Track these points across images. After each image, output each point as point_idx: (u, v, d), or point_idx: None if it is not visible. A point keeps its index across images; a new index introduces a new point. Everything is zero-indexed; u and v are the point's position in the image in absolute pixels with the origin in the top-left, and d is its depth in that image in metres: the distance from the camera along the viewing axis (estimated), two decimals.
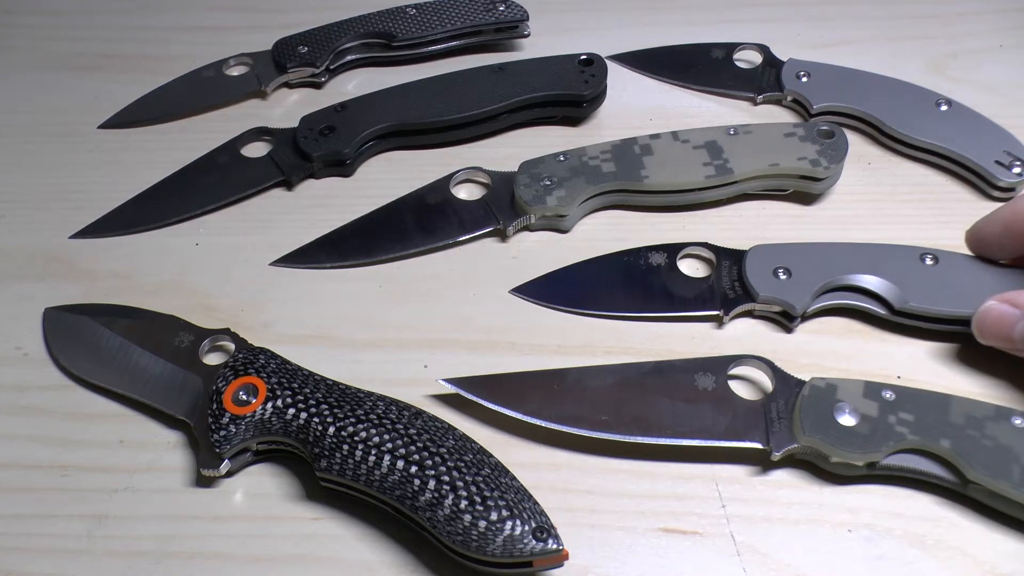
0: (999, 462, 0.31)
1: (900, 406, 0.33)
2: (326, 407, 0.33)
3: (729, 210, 0.44)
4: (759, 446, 0.33)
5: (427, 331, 0.40)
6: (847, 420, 0.33)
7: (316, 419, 0.33)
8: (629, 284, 0.40)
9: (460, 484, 0.30)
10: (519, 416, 0.35)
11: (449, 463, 0.31)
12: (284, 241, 0.44)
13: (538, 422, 0.34)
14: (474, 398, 0.35)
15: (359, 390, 0.34)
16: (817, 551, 0.32)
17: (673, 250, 0.41)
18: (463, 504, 0.30)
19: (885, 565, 0.31)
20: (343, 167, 0.47)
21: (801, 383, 0.34)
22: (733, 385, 0.35)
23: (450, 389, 0.36)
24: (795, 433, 0.33)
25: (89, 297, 0.41)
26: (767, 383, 0.35)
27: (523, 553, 0.29)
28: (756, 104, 0.50)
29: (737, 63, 0.52)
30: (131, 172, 0.48)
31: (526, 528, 0.29)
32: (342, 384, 0.35)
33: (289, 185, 0.47)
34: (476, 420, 0.36)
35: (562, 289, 0.41)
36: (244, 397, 0.34)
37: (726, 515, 0.33)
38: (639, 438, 0.33)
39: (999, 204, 0.44)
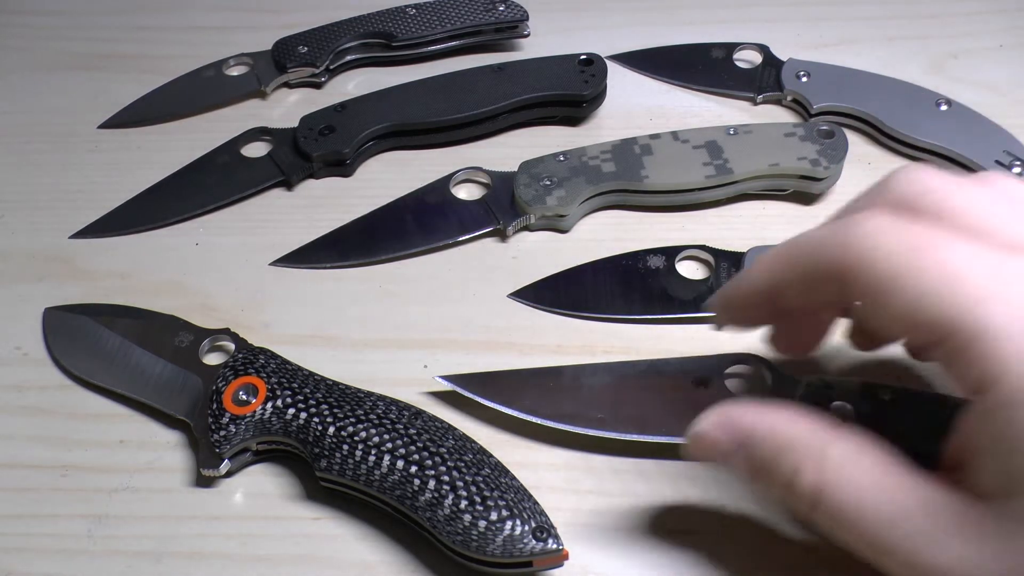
0: None
1: (897, 407, 0.33)
2: (326, 407, 0.33)
3: (729, 210, 0.44)
4: None
5: (427, 331, 0.40)
6: (844, 421, 0.32)
7: (316, 419, 0.33)
8: (628, 287, 0.40)
9: (460, 484, 0.30)
10: (515, 413, 0.35)
11: (449, 463, 0.31)
12: (284, 241, 0.44)
13: (534, 419, 0.34)
14: (471, 395, 0.35)
15: (359, 390, 0.34)
16: (818, 551, 0.32)
17: (671, 252, 0.41)
18: (463, 504, 0.30)
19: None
20: (343, 167, 0.47)
21: (798, 382, 0.34)
22: (730, 384, 0.35)
23: (447, 386, 0.36)
24: None
25: (89, 297, 0.41)
26: (764, 383, 0.35)
27: (523, 553, 0.29)
28: (756, 104, 0.50)
29: (737, 63, 0.52)
30: (131, 172, 0.47)
31: (526, 528, 0.30)
32: (342, 384, 0.35)
33: (289, 185, 0.47)
34: (476, 420, 0.36)
35: (561, 293, 0.41)
36: (244, 397, 0.34)
37: (726, 515, 0.33)
38: (635, 436, 0.33)
39: None
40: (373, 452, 0.32)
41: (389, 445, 0.32)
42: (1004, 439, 0.23)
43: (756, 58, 0.52)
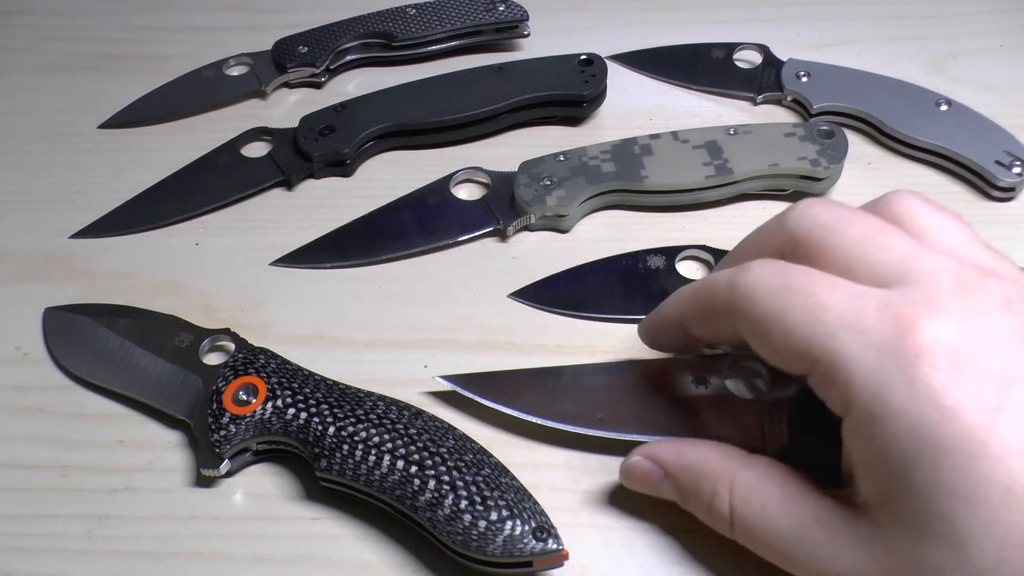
0: None
1: None
2: (326, 407, 0.33)
3: (729, 210, 0.44)
4: (755, 444, 0.33)
5: (427, 331, 0.40)
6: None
7: (316, 419, 0.33)
8: (628, 287, 0.40)
9: (460, 484, 0.30)
10: (515, 413, 0.35)
11: (449, 463, 0.31)
12: (284, 241, 0.44)
13: (534, 419, 0.34)
14: (471, 395, 0.35)
15: (359, 390, 0.34)
16: None
17: (671, 252, 0.41)
18: (463, 504, 0.30)
19: None
20: (343, 167, 0.47)
21: (796, 381, 0.34)
22: (730, 384, 0.35)
23: (447, 386, 0.36)
24: (790, 432, 0.33)
25: (89, 297, 0.41)
26: (763, 382, 0.35)
27: (523, 553, 0.29)
28: (756, 104, 0.50)
29: (737, 63, 0.52)
30: (131, 172, 0.47)
31: (526, 528, 0.30)
32: (342, 384, 0.35)
33: (289, 185, 0.47)
34: (476, 420, 0.36)
35: (561, 293, 0.41)
36: (244, 397, 0.34)
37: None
38: (635, 436, 0.33)
39: (999, 204, 0.44)
40: (373, 452, 0.32)
41: (389, 445, 0.32)
42: (868, 453, 0.25)
43: (756, 58, 0.52)
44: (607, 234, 0.44)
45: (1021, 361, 0.24)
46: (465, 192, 0.45)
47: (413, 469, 0.31)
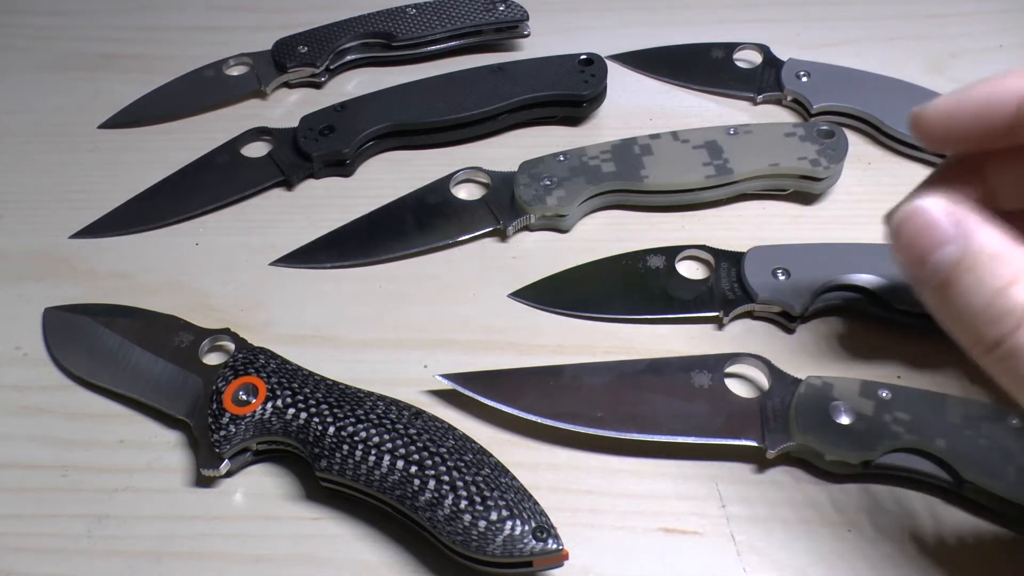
0: (994, 462, 0.31)
1: (896, 405, 0.33)
2: (326, 407, 0.33)
3: (729, 210, 0.44)
4: (754, 444, 0.33)
5: (427, 331, 0.40)
6: (843, 419, 0.33)
7: (316, 419, 0.33)
8: (628, 287, 0.40)
9: (460, 484, 0.30)
10: (514, 412, 0.35)
11: (449, 463, 0.31)
12: (284, 241, 0.44)
13: (533, 418, 0.34)
14: (470, 393, 0.35)
15: (359, 390, 0.34)
16: (817, 550, 0.32)
17: (672, 252, 0.41)
18: (463, 504, 0.30)
19: (883, 564, 0.31)
20: (343, 167, 0.47)
21: (797, 381, 0.34)
22: (729, 383, 0.35)
23: (447, 385, 0.36)
24: (791, 431, 0.33)
25: (89, 297, 0.41)
26: (763, 381, 0.36)
27: (523, 553, 0.29)
28: (756, 104, 0.50)
29: (737, 63, 0.52)
30: (131, 172, 0.48)
31: (526, 528, 0.30)
32: (342, 384, 0.35)
33: (289, 185, 0.47)
34: (476, 419, 0.36)
35: (561, 293, 0.41)
36: (244, 397, 0.34)
37: (726, 515, 0.33)
38: (634, 435, 0.34)
39: None
40: (373, 452, 0.32)
41: (389, 445, 0.32)
42: None
43: (756, 58, 0.52)
44: (607, 234, 0.44)
45: None
46: (465, 192, 0.45)
47: (413, 469, 0.31)
